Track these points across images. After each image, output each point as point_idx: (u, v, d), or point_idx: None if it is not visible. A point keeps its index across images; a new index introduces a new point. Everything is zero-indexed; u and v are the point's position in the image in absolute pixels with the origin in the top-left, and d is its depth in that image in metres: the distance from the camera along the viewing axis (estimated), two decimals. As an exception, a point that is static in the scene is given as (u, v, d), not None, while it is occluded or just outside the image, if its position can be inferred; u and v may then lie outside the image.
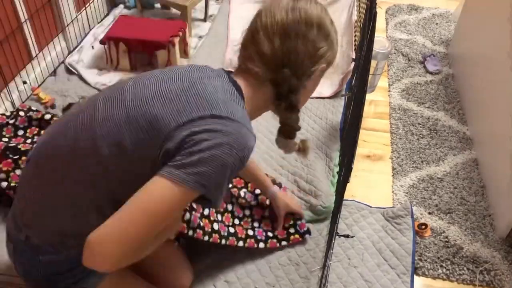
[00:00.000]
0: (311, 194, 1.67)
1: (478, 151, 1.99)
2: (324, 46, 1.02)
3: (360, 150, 2.01)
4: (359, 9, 2.74)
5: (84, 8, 2.48)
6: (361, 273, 1.51)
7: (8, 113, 1.78)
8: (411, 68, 2.50)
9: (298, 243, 1.55)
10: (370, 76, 2.18)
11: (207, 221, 1.41)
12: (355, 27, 2.64)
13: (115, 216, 0.85)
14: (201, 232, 1.36)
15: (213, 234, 1.40)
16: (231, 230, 1.47)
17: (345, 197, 1.61)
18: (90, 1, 2.54)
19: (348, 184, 1.34)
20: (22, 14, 1.98)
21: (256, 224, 1.55)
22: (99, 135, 0.93)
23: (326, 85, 2.26)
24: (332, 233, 1.35)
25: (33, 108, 1.83)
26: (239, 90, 1.01)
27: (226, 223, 1.49)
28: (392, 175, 1.91)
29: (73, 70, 2.28)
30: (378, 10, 2.05)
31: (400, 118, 2.18)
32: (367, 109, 2.23)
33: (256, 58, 1.01)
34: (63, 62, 2.33)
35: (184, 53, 2.43)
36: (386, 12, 2.99)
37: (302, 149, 1.19)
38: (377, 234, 1.63)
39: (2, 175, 1.50)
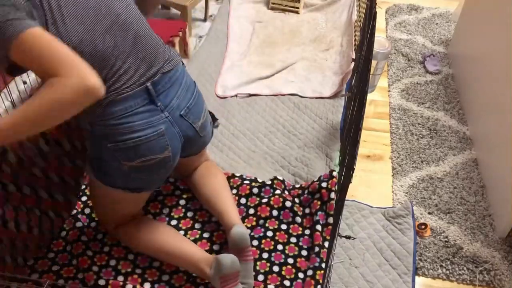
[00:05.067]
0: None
1: (478, 151, 1.99)
2: None
3: (360, 150, 2.01)
4: (359, 9, 2.74)
5: (84, 8, 2.47)
6: (363, 273, 1.51)
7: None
8: (411, 68, 2.50)
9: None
10: (370, 76, 2.17)
11: None
12: (355, 27, 2.64)
13: None
14: None
15: None
16: None
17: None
18: (90, 1, 2.54)
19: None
20: (22, 14, 1.97)
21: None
22: None
23: (326, 85, 2.26)
24: (334, 234, 1.35)
25: None
26: None
27: None
28: (392, 175, 1.91)
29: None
30: (378, 10, 2.05)
31: (400, 118, 2.18)
32: (367, 109, 2.23)
33: None
34: (63, 62, 2.33)
35: (184, 53, 2.43)
36: (386, 12, 2.99)
37: None
38: (378, 234, 1.63)
39: None
